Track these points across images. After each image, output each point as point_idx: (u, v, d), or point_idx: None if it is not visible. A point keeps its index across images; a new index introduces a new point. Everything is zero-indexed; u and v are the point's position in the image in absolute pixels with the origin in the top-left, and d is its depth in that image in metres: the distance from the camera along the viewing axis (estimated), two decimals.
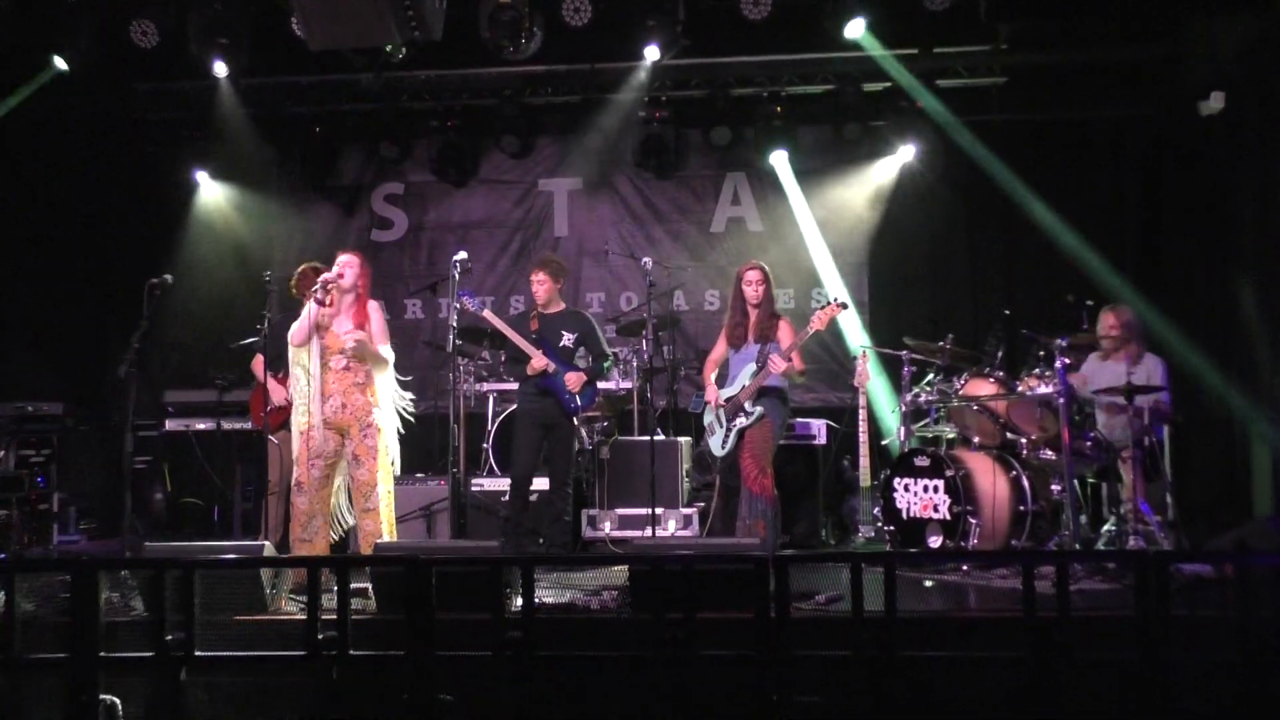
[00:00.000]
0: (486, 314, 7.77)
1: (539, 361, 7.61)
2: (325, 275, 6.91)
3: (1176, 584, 6.00)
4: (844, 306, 7.37)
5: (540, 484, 7.97)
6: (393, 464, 7.08)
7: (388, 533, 6.95)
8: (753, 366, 7.41)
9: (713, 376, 7.69)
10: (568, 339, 7.79)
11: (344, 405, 6.90)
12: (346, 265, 6.98)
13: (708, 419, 7.67)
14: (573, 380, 7.65)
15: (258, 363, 8.06)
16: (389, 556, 5.92)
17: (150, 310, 7.13)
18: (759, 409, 7.34)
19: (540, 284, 7.84)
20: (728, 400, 7.49)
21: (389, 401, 7.10)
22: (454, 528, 7.99)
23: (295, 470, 6.93)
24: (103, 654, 4.53)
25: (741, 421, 7.38)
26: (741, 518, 7.36)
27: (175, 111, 10.71)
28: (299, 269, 8.04)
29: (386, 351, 7.05)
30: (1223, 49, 9.14)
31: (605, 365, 7.93)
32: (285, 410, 7.53)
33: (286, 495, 7.49)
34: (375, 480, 6.91)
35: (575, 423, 7.84)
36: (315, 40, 8.23)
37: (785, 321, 7.53)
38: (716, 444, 7.58)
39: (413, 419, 7.34)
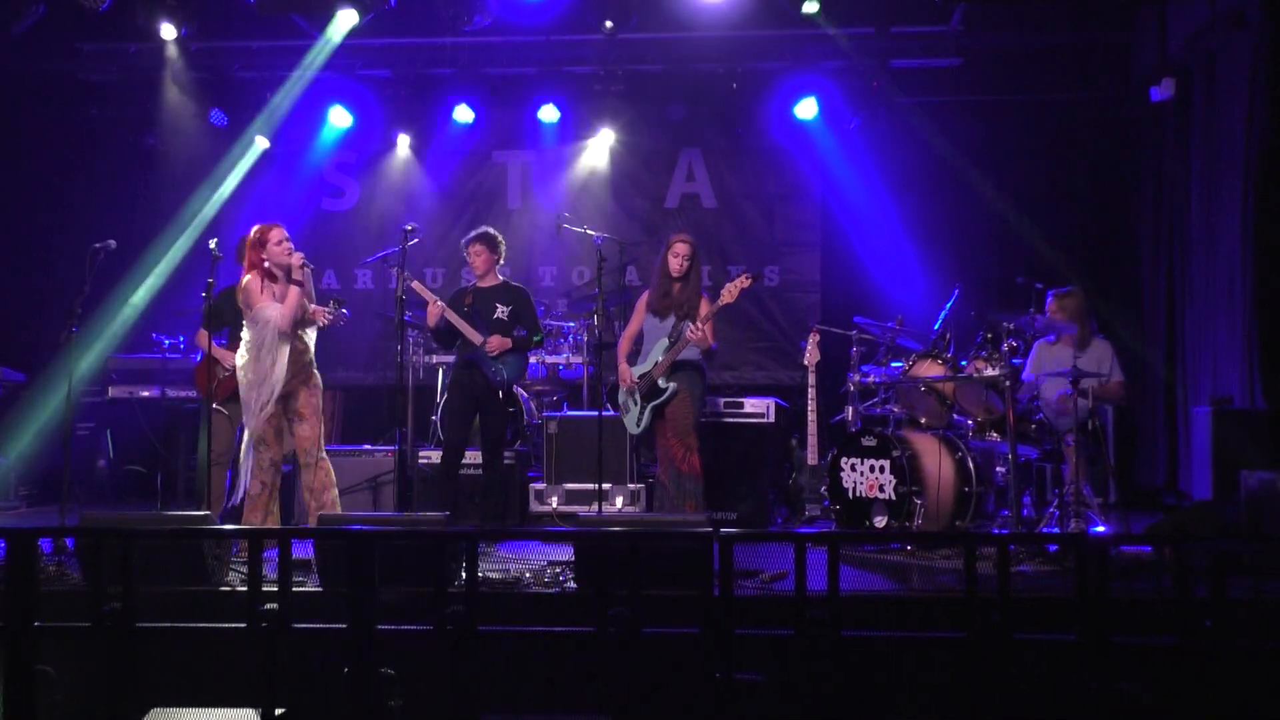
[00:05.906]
0: (435, 303, 7.62)
1: (476, 337, 7.56)
2: (300, 259, 6.93)
3: (1116, 566, 6.08)
4: (753, 279, 7.37)
5: (475, 456, 7.87)
6: None
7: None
8: (665, 342, 7.39)
9: (625, 356, 7.69)
10: (502, 311, 7.68)
11: (294, 374, 6.94)
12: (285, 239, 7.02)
13: (621, 398, 7.66)
14: (493, 343, 7.55)
15: (202, 337, 7.91)
16: (332, 530, 5.87)
17: (92, 275, 7.04)
18: (673, 385, 7.34)
19: (477, 255, 7.75)
20: (641, 377, 7.47)
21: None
22: (399, 500, 7.95)
23: (273, 446, 6.95)
24: (39, 623, 4.46)
25: (657, 398, 7.38)
26: (670, 498, 7.37)
27: (121, 74, 10.51)
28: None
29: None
30: (1173, 36, 9.21)
31: (536, 339, 7.82)
32: (234, 380, 7.40)
33: (228, 465, 7.47)
34: (318, 434, 7.02)
35: (502, 396, 7.67)
36: (266, 4, 8.13)
37: (706, 300, 7.50)
38: (631, 422, 7.57)
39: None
